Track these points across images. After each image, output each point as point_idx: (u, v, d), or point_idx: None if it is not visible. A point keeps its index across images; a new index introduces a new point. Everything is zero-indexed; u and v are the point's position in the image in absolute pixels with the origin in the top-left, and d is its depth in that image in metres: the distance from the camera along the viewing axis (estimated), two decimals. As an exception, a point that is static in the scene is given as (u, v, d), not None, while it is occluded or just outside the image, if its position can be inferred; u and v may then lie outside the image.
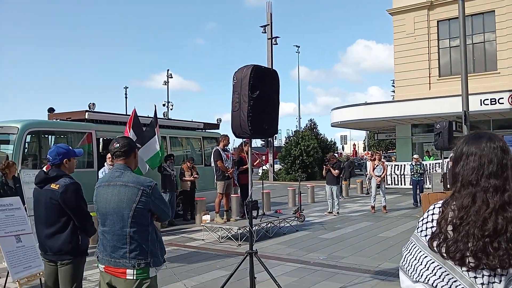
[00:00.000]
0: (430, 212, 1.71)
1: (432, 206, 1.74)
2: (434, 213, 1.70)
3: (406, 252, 1.73)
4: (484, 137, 1.71)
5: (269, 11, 30.23)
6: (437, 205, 1.72)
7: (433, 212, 1.70)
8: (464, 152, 1.70)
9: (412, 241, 1.73)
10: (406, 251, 1.74)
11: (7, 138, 9.59)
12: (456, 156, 1.73)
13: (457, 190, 1.67)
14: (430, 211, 1.72)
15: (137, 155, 3.41)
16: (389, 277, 6.46)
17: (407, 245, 1.75)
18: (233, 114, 5.16)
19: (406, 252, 1.73)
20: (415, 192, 14.94)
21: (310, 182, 22.73)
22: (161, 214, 3.26)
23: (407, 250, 1.74)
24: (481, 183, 1.62)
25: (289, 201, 15.74)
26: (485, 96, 19.10)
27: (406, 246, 1.75)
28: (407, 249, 1.74)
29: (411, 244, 1.73)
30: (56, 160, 3.78)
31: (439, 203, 1.73)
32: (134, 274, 3.05)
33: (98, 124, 11.09)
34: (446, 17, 23.23)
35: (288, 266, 7.22)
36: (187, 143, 14.46)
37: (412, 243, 1.73)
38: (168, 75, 44.22)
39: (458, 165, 1.70)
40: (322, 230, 10.66)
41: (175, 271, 6.45)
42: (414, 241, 1.72)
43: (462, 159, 1.69)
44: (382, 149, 48.12)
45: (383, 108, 22.80)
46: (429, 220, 1.69)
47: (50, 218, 3.69)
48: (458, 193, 1.66)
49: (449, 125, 11.63)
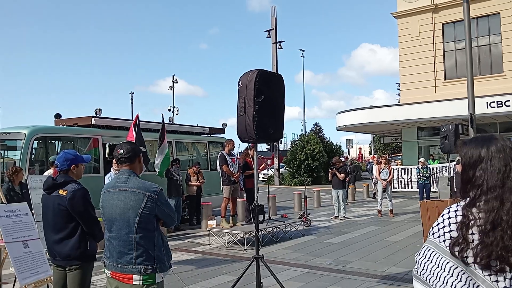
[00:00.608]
0: (446, 217, 1.68)
1: (447, 210, 1.71)
2: (450, 217, 1.67)
3: (425, 260, 1.68)
4: (493, 138, 1.71)
5: (274, 16, 30.32)
6: (452, 209, 1.69)
7: (449, 216, 1.68)
8: (483, 155, 1.68)
9: (430, 248, 1.68)
10: (424, 259, 1.69)
11: (14, 144, 9.65)
12: (472, 161, 1.70)
13: (481, 193, 1.64)
14: (446, 215, 1.69)
15: (142, 159, 3.41)
16: (396, 282, 6.42)
17: (423, 252, 1.70)
18: (239, 119, 5.17)
19: (425, 260, 1.68)
20: (422, 196, 14.86)
21: (316, 186, 22.68)
22: (167, 219, 3.26)
23: (425, 257, 1.68)
24: (507, 184, 1.61)
25: (295, 206, 15.70)
26: (492, 99, 18.99)
27: (423, 254, 1.70)
28: (424, 256, 1.69)
29: (429, 251, 1.68)
30: (64, 166, 3.80)
31: (454, 207, 1.70)
32: (141, 280, 3.06)
33: (105, 130, 11.15)
34: (451, 20, 23.17)
35: (294, 271, 7.20)
36: (192, 148, 14.48)
37: (430, 250, 1.68)
38: (174, 80, 44.37)
39: (477, 169, 1.68)
40: (328, 234, 10.62)
41: (181, 276, 6.45)
42: (432, 248, 1.68)
43: (483, 162, 1.67)
44: (388, 153, 47.91)
45: (389, 111, 22.73)
46: (446, 224, 1.66)
47: (58, 224, 3.70)
48: (484, 196, 1.63)
49: (456, 128, 11.55)
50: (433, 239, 1.67)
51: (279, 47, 30.06)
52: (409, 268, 7.10)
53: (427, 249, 1.69)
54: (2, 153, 9.52)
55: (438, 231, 1.67)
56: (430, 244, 1.69)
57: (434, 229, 1.69)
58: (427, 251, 1.69)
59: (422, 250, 1.72)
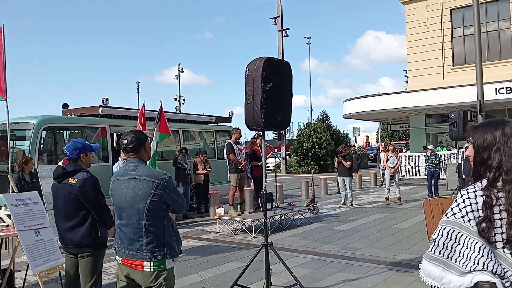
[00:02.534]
0: (466, 197, 1.69)
1: (465, 191, 1.71)
2: (470, 197, 1.68)
3: (448, 240, 1.67)
4: (506, 121, 1.73)
5: (280, 3, 30.10)
6: (470, 190, 1.70)
7: (468, 196, 1.68)
8: (498, 137, 1.69)
9: (453, 228, 1.67)
10: (447, 239, 1.67)
11: (23, 134, 9.73)
12: (487, 143, 1.72)
13: (499, 174, 1.66)
14: (465, 195, 1.70)
15: (148, 147, 3.39)
16: (404, 268, 6.44)
17: (444, 233, 1.68)
18: (246, 107, 5.15)
19: (449, 241, 1.67)
20: (430, 183, 14.80)
21: (323, 175, 22.68)
22: (176, 206, 3.28)
23: (449, 238, 1.67)
24: None
25: (302, 194, 15.74)
26: (501, 85, 18.79)
27: (445, 234, 1.68)
28: (447, 237, 1.67)
29: (453, 232, 1.67)
30: (73, 154, 3.83)
31: (472, 188, 1.70)
32: (151, 266, 3.09)
33: (112, 119, 11.19)
34: (459, 5, 22.84)
35: (302, 257, 7.24)
36: (199, 137, 14.52)
37: (454, 230, 1.67)
38: (180, 69, 44.30)
39: (492, 151, 1.69)
40: (336, 222, 10.65)
41: (190, 263, 6.51)
42: (456, 228, 1.66)
43: (499, 143, 1.69)
44: (396, 141, 47.66)
45: (396, 98, 22.56)
46: (467, 204, 1.67)
47: (69, 212, 3.75)
48: (502, 176, 1.65)
49: (464, 114, 11.47)
50: (455, 219, 1.67)
51: (285, 34, 29.87)
52: (417, 254, 7.11)
53: (451, 230, 1.67)
54: (11, 143, 9.60)
55: (460, 211, 1.67)
56: (452, 225, 1.67)
57: (454, 209, 1.69)
58: (450, 232, 1.67)
59: (441, 231, 1.70)
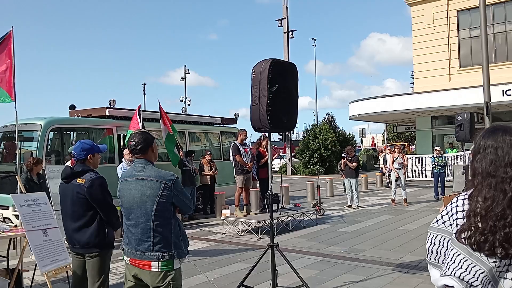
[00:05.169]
0: (454, 205, 1.74)
1: (455, 199, 1.77)
2: (458, 205, 1.72)
3: (439, 247, 1.74)
4: (500, 130, 1.76)
5: (285, 5, 30.10)
6: (460, 197, 1.75)
7: (457, 204, 1.73)
8: (481, 145, 1.75)
9: (443, 236, 1.74)
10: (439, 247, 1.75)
11: (31, 135, 9.80)
12: (475, 150, 1.78)
13: (479, 182, 1.71)
14: (454, 203, 1.75)
15: (155, 148, 3.43)
16: (411, 270, 6.42)
17: (435, 240, 1.76)
18: (253, 108, 5.17)
19: (441, 248, 1.74)
20: (436, 185, 14.74)
21: (329, 176, 22.64)
22: (183, 207, 3.31)
23: (440, 245, 1.74)
24: (499, 174, 1.66)
25: (308, 195, 15.72)
26: (508, 87, 18.65)
27: (436, 242, 1.76)
28: (439, 244, 1.75)
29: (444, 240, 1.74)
30: (81, 155, 3.86)
31: (462, 195, 1.76)
32: (159, 266, 3.12)
33: (119, 120, 11.24)
34: (465, 7, 22.72)
35: (308, 259, 7.24)
36: (205, 138, 14.55)
37: (444, 238, 1.74)
38: (186, 70, 44.45)
39: (476, 158, 1.75)
40: (342, 223, 10.63)
41: (197, 264, 6.52)
42: (446, 236, 1.73)
43: (479, 152, 1.74)
44: (401, 142, 47.46)
45: (402, 100, 22.45)
46: (454, 212, 1.72)
47: (77, 212, 3.78)
48: (480, 185, 1.70)
49: (471, 116, 11.41)
50: (445, 227, 1.73)
51: (291, 36, 29.86)
52: (424, 256, 7.04)
53: (442, 238, 1.74)
54: (19, 144, 9.67)
55: (448, 219, 1.73)
56: (442, 233, 1.74)
57: (444, 217, 1.75)
58: (441, 239, 1.74)
59: (432, 238, 1.77)
